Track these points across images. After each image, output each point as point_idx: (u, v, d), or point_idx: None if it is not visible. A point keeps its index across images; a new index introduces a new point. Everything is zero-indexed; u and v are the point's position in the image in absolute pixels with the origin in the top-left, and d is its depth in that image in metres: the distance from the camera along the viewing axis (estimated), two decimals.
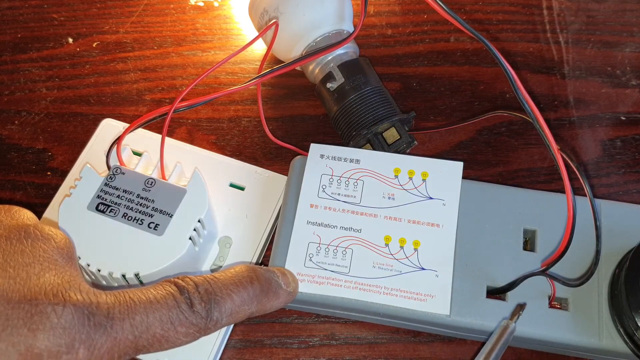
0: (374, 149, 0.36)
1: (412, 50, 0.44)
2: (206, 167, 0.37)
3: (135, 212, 0.32)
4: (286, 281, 0.31)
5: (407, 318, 0.32)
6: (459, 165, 0.34)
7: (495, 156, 0.40)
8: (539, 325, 0.31)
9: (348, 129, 0.37)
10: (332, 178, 0.34)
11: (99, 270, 0.30)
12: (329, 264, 0.32)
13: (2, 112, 0.42)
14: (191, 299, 0.26)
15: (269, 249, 0.35)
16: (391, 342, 0.34)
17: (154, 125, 0.35)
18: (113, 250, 0.31)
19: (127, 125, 0.36)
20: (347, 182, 0.34)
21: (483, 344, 0.31)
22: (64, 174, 0.39)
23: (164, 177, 0.33)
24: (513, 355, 0.34)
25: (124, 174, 0.33)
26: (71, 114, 0.42)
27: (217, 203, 0.36)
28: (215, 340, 0.33)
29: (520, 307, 0.31)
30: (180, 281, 0.27)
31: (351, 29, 0.40)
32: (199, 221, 0.32)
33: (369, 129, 0.36)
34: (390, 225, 0.33)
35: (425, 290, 0.31)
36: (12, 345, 0.22)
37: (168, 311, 0.25)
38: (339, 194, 0.34)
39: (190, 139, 0.40)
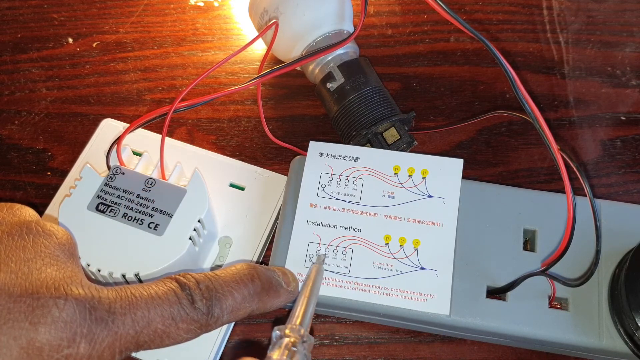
0: None
1: (412, 50, 0.44)
2: (206, 167, 0.37)
3: (135, 212, 0.32)
4: (287, 280, 0.31)
5: (407, 318, 0.32)
6: (459, 162, 0.34)
7: (495, 156, 0.40)
8: (539, 325, 0.31)
9: (348, 129, 0.37)
10: (332, 176, 0.34)
11: (99, 270, 0.30)
12: (329, 264, 0.32)
13: (2, 112, 0.42)
14: (192, 296, 0.26)
15: (269, 249, 0.35)
16: (391, 342, 0.34)
17: (154, 125, 0.35)
18: (113, 250, 0.31)
19: (127, 125, 0.36)
20: (346, 181, 0.34)
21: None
22: (64, 174, 0.39)
23: (164, 177, 0.33)
24: (513, 355, 0.34)
25: (124, 174, 0.33)
26: (71, 114, 0.42)
27: (217, 203, 0.36)
28: (216, 340, 0.33)
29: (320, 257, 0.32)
30: (181, 278, 0.27)
31: (351, 29, 0.40)
32: (199, 221, 0.32)
33: (369, 129, 0.36)
34: (390, 224, 0.33)
35: (425, 290, 0.31)
36: (13, 338, 0.22)
37: (169, 307, 0.25)
38: (338, 193, 0.34)
39: (190, 139, 0.40)
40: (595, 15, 0.45)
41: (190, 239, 0.31)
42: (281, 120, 0.41)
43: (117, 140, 0.34)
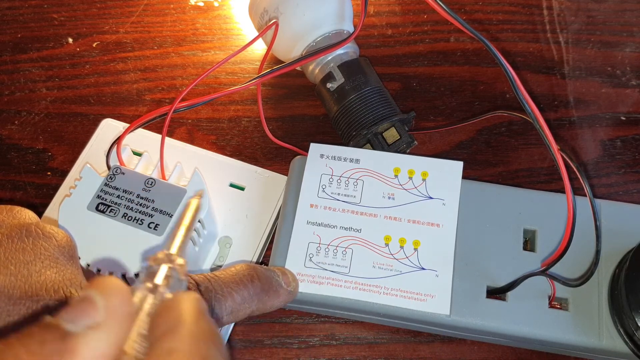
0: (374, 149, 0.36)
1: (412, 50, 0.44)
2: (206, 167, 0.37)
3: (135, 212, 0.31)
4: (287, 280, 0.31)
5: (407, 318, 0.32)
6: (459, 164, 0.34)
7: (495, 156, 0.40)
8: (539, 325, 0.31)
9: (348, 129, 0.37)
10: (332, 178, 0.34)
11: (99, 271, 0.30)
12: (329, 264, 0.32)
13: (2, 112, 0.42)
14: None
15: (269, 249, 0.35)
16: (391, 342, 0.34)
17: (154, 125, 0.35)
18: (113, 250, 0.31)
19: (127, 125, 0.36)
20: (347, 182, 0.34)
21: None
22: (64, 174, 0.39)
23: (164, 177, 0.33)
24: (513, 355, 0.34)
25: (124, 174, 0.33)
26: (71, 114, 0.42)
27: (217, 203, 0.36)
28: None
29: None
30: None
31: (351, 29, 0.40)
32: (199, 221, 0.32)
33: (369, 129, 0.36)
34: (390, 225, 0.33)
35: (425, 290, 0.31)
36: None
37: None
38: (338, 194, 0.34)
39: (190, 139, 0.40)
40: (595, 15, 0.45)
41: (190, 239, 0.31)
42: (281, 120, 0.41)
43: (117, 140, 0.34)
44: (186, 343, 0.19)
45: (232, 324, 0.34)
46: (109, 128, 0.39)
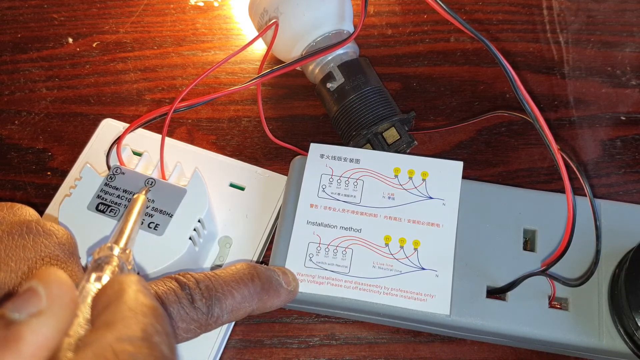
0: (374, 149, 0.36)
1: (412, 50, 0.44)
2: (206, 167, 0.37)
3: None
4: (287, 280, 0.31)
5: (407, 318, 0.32)
6: (459, 165, 0.34)
7: (495, 156, 0.40)
8: (539, 325, 0.31)
9: (348, 129, 0.37)
10: (332, 178, 0.34)
11: None
12: (329, 264, 0.32)
13: (2, 112, 0.42)
14: (192, 295, 0.26)
15: (269, 248, 0.35)
16: (391, 342, 0.34)
17: (154, 125, 0.35)
18: None
19: (127, 125, 0.36)
20: (347, 182, 0.34)
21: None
22: (64, 174, 0.39)
23: (164, 177, 0.33)
24: (513, 355, 0.34)
25: (124, 173, 0.33)
26: (71, 114, 0.42)
27: (217, 203, 0.36)
28: (215, 340, 0.33)
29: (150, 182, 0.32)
30: (181, 277, 0.27)
31: (351, 29, 0.40)
32: (199, 221, 0.32)
33: (369, 129, 0.36)
34: (390, 225, 0.33)
35: (425, 290, 0.31)
36: None
37: (169, 306, 0.25)
38: (338, 194, 0.34)
39: (190, 139, 0.40)
40: (595, 15, 0.45)
41: (190, 238, 0.31)
42: (281, 120, 0.41)
43: (117, 140, 0.34)
44: (124, 315, 0.19)
45: (232, 324, 0.34)
46: (109, 128, 0.39)
